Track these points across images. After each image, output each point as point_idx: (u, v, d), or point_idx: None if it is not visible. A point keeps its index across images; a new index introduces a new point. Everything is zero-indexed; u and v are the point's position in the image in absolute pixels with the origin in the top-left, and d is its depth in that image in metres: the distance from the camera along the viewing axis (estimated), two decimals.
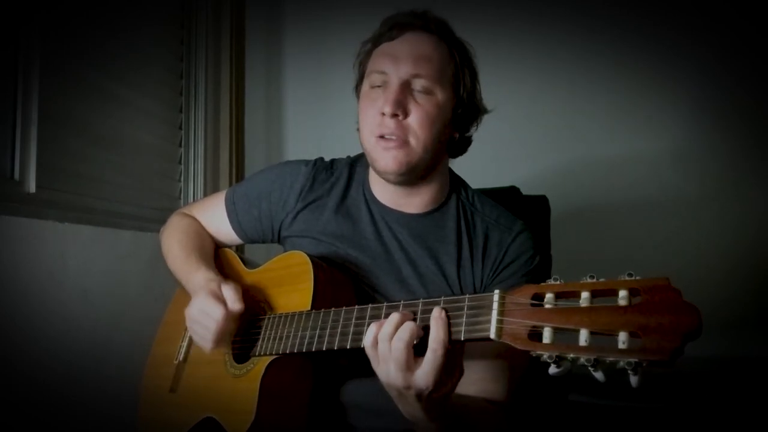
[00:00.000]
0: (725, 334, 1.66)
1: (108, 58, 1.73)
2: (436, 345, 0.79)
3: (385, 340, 0.81)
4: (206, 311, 1.04)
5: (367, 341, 0.83)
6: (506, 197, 1.40)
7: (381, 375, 0.83)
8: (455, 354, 0.82)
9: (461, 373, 0.85)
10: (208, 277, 1.12)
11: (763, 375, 1.77)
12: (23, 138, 1.46)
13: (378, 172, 1.11)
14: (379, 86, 1.09)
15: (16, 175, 1.46)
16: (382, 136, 1.06)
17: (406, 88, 1.07)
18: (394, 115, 1.05)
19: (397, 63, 1.08)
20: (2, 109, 1.44)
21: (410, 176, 1.10)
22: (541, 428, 1.43)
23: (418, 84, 1.07)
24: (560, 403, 1.50)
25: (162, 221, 1.37)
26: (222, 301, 1.04)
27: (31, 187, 1.47)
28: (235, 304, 1.04)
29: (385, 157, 1.07)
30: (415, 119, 1.06)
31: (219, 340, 1.04)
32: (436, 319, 0.80)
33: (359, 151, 1.19)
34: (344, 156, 1.27)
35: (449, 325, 0.80)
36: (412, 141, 1.06)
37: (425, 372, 0.79)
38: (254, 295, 1.12)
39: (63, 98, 1.57)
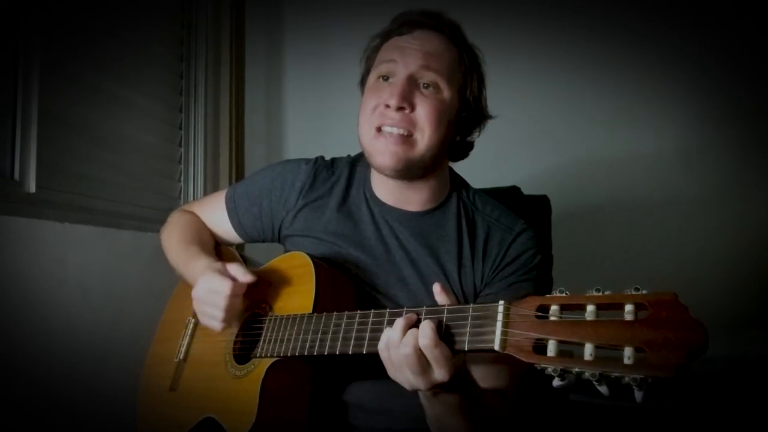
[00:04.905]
0: (726, 333, 1.65)
1: (108, 58, 1.72)
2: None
3: (395, 347, 0.82)
4: (213, 288, 1.03)
5: (381, 349, 0.84)
6: (507, 197, 1.39)
7: (404, 383, 0.84)
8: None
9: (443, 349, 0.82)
10: (209, 262, 1.11)
11: (764, 375, 1.77)
12: (23, 138, 1.46)
13: (375, 167, 1.11)
14: (385, 79, 1.08)
15: (16, 175, 1.45)
16: (380, 129, 1.06)
17: (412, 82, 1.06)
18: (400, 108, 1.04)
19: (406, 56, 1.07)
20: (2, 109, 1.44)
21: (407, 173, 1.09)
22: (543, 427, 1.43)
23: (426, 78, 1.06)
24: (561, 403, 1.49)
25: (162, 221, 1.36)
26: (228, 276, 1.04)
27: (31, 187, 1.46)
28: (245, 276, 1.04)
29: (383, 153, 1.06)
30: (422, 112, 1.05)
31: (229, 317, 1.03)
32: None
33: (360, 151, 1.18)
34: (344, 155, 1.27)
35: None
36: (418, 136, 1.05)
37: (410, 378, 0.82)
38: (255, 295, 1.11)
39: (63, 98, 1.57)
